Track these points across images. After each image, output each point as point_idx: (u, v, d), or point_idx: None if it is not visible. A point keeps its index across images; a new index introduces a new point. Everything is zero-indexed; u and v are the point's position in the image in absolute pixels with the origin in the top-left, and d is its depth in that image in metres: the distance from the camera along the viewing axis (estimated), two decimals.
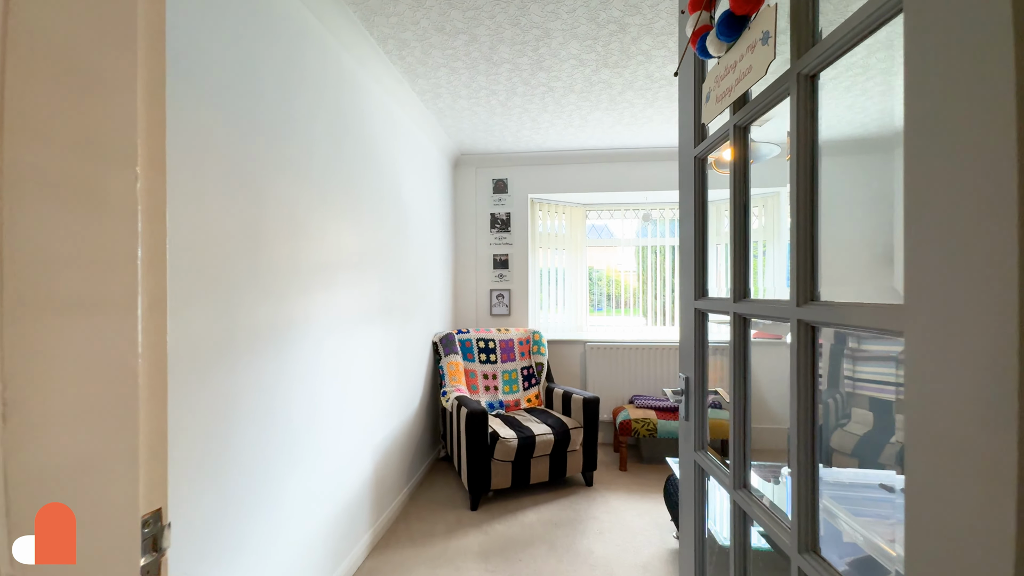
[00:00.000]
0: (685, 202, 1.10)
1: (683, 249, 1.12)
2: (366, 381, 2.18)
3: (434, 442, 3.31)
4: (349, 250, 2.00)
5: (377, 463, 2.28)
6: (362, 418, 2.13)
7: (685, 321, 1.10)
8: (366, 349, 2.17)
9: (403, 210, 2.67)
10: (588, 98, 2.67)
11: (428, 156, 3.15)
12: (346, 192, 1.97)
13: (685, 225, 1.10)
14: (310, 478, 1.69)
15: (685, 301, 1.09)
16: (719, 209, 3.80)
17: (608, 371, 3.65)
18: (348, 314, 1.99)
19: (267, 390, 1.44)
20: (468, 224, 3.85)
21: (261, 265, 1.40)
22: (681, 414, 1.12)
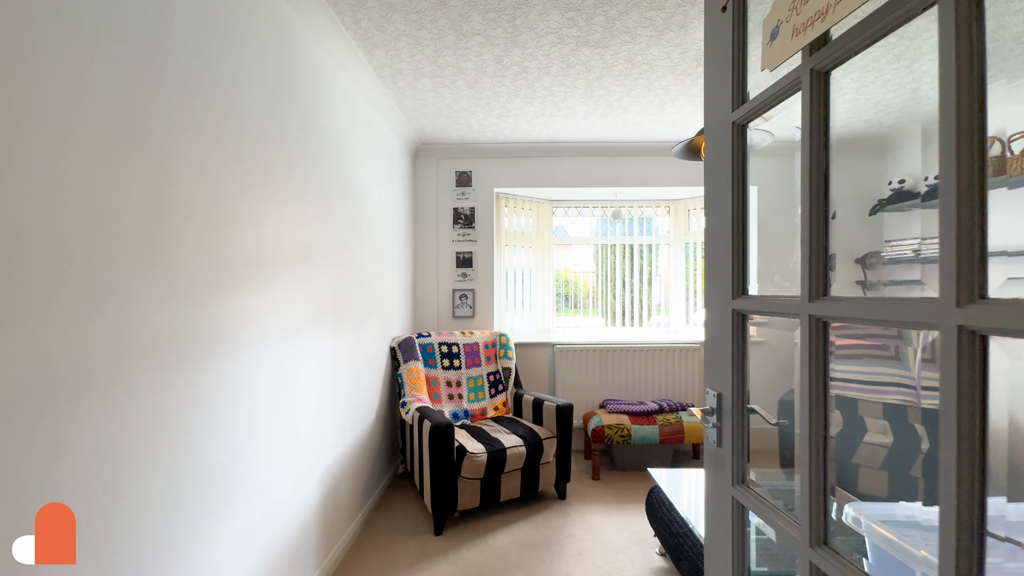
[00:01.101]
0: (715, 182, 0.91)
1: (712, 239, 0.93)
2: (315, 396, 1.86)
3: (392, 457, 3.00)
4: (293, 242, 1.68)
5: (327, 490, 1.97)
6: (310, 440, 1.82)
7: (715, 325, 0.91)
8: (315, 358, 1.86)
9: (358, 200, 2.36)
10: (564, 83, 2.48)
11: (387, 143, 2.84)
12: (289, 172, 1.65)
13: (715, 211, 0.91)
14: (240, 521, 1.36)
15: (716, 301, 0.90)
16: (690, 209, 3.73)
17: (578, 375, 3.48)
18: (292, 317, 1.67)
19: (175, 418, 1.12)
20: (429, 219, 3.56)
21: (166, 255, 1.08)
22: (708, 438, 0.93)
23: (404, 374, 2.85)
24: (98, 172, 0.91)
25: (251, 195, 1.42)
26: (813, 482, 0.65)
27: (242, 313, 1.37)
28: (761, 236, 3.53)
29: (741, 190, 0.85)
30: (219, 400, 1.27)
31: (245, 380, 1.39)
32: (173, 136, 1.10)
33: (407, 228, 3.34)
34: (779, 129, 2.03)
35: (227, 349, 1.30)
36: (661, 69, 2.33)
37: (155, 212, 1.04)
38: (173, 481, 1.10)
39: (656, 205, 3.92)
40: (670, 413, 3.10)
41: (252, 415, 1.42)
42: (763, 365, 3.55)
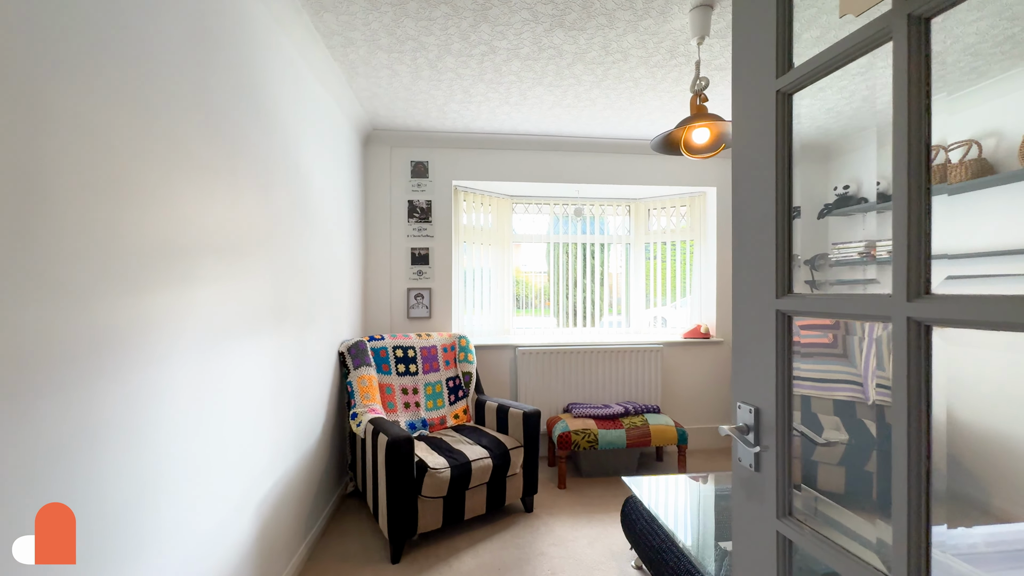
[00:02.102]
0: (749, 162, 0.78)
1: (745, 229, 0.80)
2: (252, 413, 1.57)
3: (340, 474, 2.70)
4: (222, 227, 1.39)
5: (265, 521, 1.68)
6: (243, 467, 1.52)
7: (750, 328, 0.78)
8: (251, 368, 1.57)
9: (302, 185, 2.06)
10: (533, 68, 2.32)
11: (335, 125, 2.54)
12: (216, 141, 1.36)
13: (749, 196, 0.78)
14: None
15: (753, 301, 0.77)
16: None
17: (541, 378, 3.34)
18: (221, 319, 1.38)
19: (46, 461, 0.83)
20: (381, 212, 3.28)
21: (36, 238, 0.80)
22: (741, 460, 0.80)
23: (355, 382, 2.57)
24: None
25: (164, 165, 1.13)
26: (913, 529, 0.52)
27: (151, 315, 1.08)
28: (722, 241, 3.57)
29: (787, 170, 0.73)
30: (117, 431, 0.98)
31: (155, 401, 1.10)
32: (48, 75, 0.81)
33: (357, 221, 3.05)
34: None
35: (129, 362, 1.01)
36: (634, 59, 2.23)
37: (21, 179, 0.76)
38: None
39: (617, 204, 3.87)
40: (636, 416, 3.03)
41: (164, 446, 1.14)
42: (722, 365, 3.60)
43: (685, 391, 3.56)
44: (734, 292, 0.82)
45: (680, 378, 3.55)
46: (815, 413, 2.99)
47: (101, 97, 0.93)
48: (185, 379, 1.21)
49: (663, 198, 3.79)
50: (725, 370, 3.58)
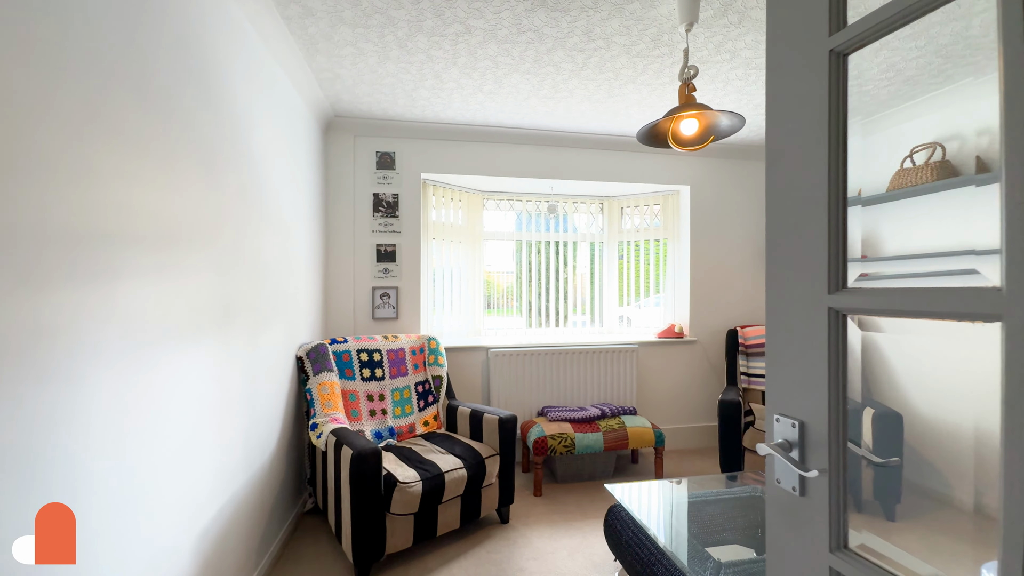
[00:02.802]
0: (791, 136, 0.67)
1: (784, 215, 0.69)
2: (188, 432, 1.35)
3: (298, 490, 2.47)
4: (154, 215, 1.18)
5: (207, 558, 1.45)
6: (178, 497, 1.30)
7: (792, 330, 0.67)
8: (188, 379, 1.34)
9: (255, 172, 1.84)
10: (511, 52, 2.18)
11: (293, 108, 2.31)
12: (147, 114, 1.14)
13: (789, 176, 0.68)
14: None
15: (797, 298, 0.66)
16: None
17: (514, 381, 3.21)
18: (152, 322, 1.17)
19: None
20: (344, 205, 3.05)
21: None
22: (779, 483, 0.69)
23: (314, 389, 2.35)
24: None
25: (77, 136, 0.91)
26: None
27: (55, 319, 0.87)
28: (696, 245, 3.56)
29: (841, 143, 0.62)
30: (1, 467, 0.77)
31: (58, 427, 0.89)
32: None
33: (317, 214, 2.81)
34: None
35: (20, 379, 0.80)
36: (616, 48, 2.14)
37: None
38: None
39: (591, 202, 3.80)
40: (613, 418, 2.96)
41: (70, 483, 0.92)
42: (696, 365, 3.59)
43: (660, 391, 3.53)
44: (768, 289, 0.72)
45: (655, 378, 3.52)
46: None
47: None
48: (101, 396, 0.99)
49: (636, 196, 3.74)
50: (699, 369, 3.58)
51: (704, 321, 3.56)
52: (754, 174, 3.63)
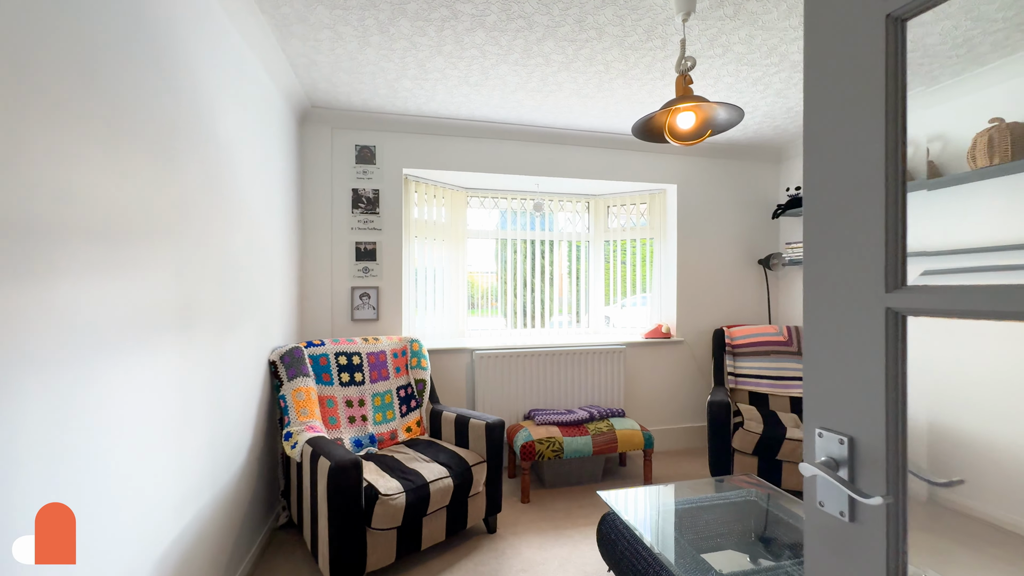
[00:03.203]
0: (832, 109, 0.60)
1: (823, 203, 0.61)
2: (142, 448, 1.20)
3: (270, 504, 2.31)
4: (103, 205, 1.03)
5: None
6: (129, 524, 1.16)
7: (840, 333, 0.59)
8: (141, 388, 1.20)
9: (222, 162, 1.69)
10: (499, 41, 2.08)
11: (265, 96, 2.16)
12: (92, 87, 1.00)
13: (831, 155, 0.60)
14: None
15: (840, 297, 0.59)
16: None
17: (500, 384, 3.11)
18: (97, 326, 1.02)
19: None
20: (321, 200, 2.90)
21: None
22: (822, 506, 0.61)
23: (289, 395, 2.20)
24: None
25: (2, 104, 0.78)
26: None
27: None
28: (683, 244, 3.52)
29: (900, 120, 0.55)
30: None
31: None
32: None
33: (293, 209, 2.65)
34: None
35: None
36: (609, 38, 2.07)
37: None
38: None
39: (576, 200, 3.73)
40: (601, 421, 2.89)
41: None
42: (682, 365, 3.56)
43: (647, 392, 3.48)
44: (807, 287, 0.64)
45: (642, 379, 3.47)
46: (773, 411, 3.00)
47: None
48: (33, 411, 0.85)
49: (623, 195, 3.69)
50: (686, 370, 3.55)
51: (691, 321, 3.54)
52: (741, 174, 3.63)
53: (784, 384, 3.08)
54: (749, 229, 3.65)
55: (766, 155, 3.64)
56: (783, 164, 3.67)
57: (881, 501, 0.52)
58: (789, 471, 2.56)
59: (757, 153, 3.61)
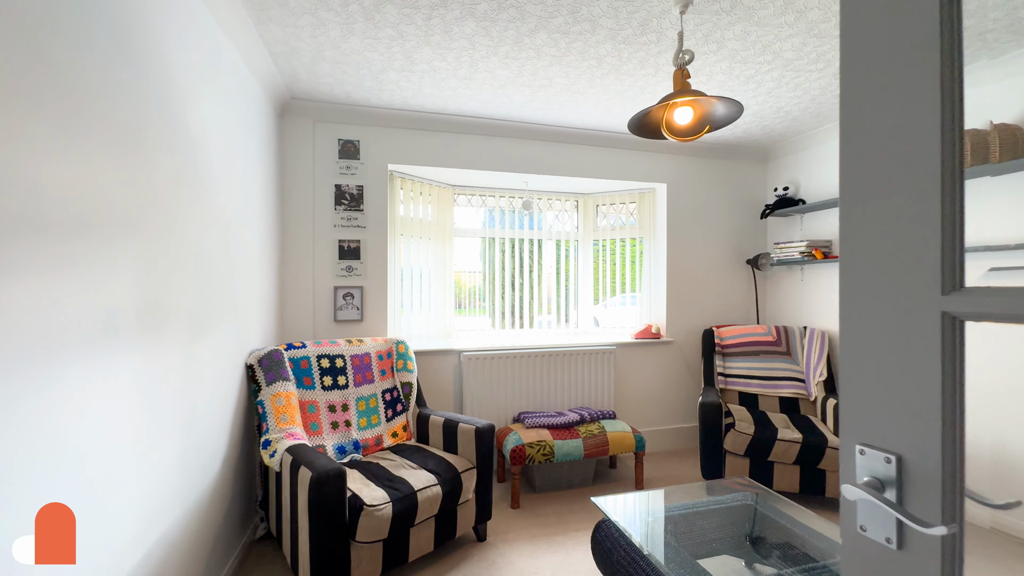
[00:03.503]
0: (873, 83, 0.54)
1: (865, 193, 0.56)
2: (101, 467, 1.09)
3: (247, 515, 2.20)
4: (57, 194, 0.93)
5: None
6: (87, 550, 1.05)
7: (886, 340, 0.54)
8: (104, 400, 1.09)
9: (195, 152, 1.57)
10: (490, 32, 2.01)
11: (241, 85, 2.04)
12: (47, 66, 0.89)
13: (872, 139, 0.54)
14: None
15: (885, 299, 0.53)
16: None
17: (489, 386, 3.04)
18: (49, 330, 0.92)
19: None
20: (303, 196, 2.78)
21: None
22: (863, 530, 0.56)
23: (267, 401, 2.08)
24: None
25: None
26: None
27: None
28: (672, 243, 3.50)
29: (957, 94, 0.49)
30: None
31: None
32: None
33: (272, 205, 2.53)
34: None
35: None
36: (602, 32, 2.01)
37: None
38: None
39: (565, 199, 3.67)
40: (592, 423, 2.84)
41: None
42: (672, 366, 3.53)
43: (637, 393, 3.45)
44: (844, 290, 0.58)
45: (632, 380, 3.43)
46: (763, 411, 2.99)
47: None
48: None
49: (612, 194, 3.65)
50: (675, 370, 3.53)
51: (680, 321, 3.52)
52: (730, 174, 3.62)
53: (773, 384, 3.08)
54: (737, 229, 3.65)
55: (754, 155, 3.64)
56: (770, 164, 3.67)
57: (946, 531, 0.46)
58: (781, 472, 2.55)
59: (745, 153, 3.61)
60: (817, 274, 3.27)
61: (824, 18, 1.93)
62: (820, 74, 2.41)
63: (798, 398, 3.02)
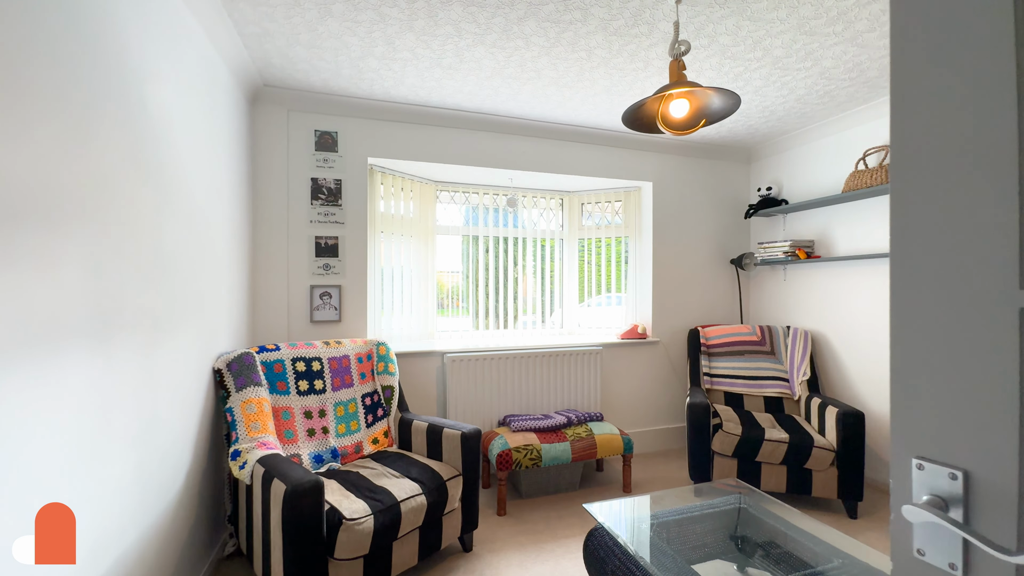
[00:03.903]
0: (930, 48, 0.48)
1: (922, 174, 0.49)
2: (39, 492, 0.96)
3: (215, 531, 2.05)
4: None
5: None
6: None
7: (939, 341, 0.47)
8: (43, 414, 0.96)
9: (153, 136, 1.43)
10: (477, 18, 1.92)
11: (208, 69, 1.89)
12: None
13: (930, 112, 0.48)
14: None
15: (944, 297, 0.47)
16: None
17: (473, 388, 2.94)
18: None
19: None
20: (276, 190, 2.63)
21: None
22: (925, 554, 0.49)
23: (237, 408, 1.94)
24: None
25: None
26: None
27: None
28: (659, 242, 3.47)
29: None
30: None
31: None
32: None
33: (243, 198, 2.38)
34: None
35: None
36: (594, 21, 1.94)
37: None
38: None
39: (550, 197, 3.61)
40: (579, 426, 2.78)
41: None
42: (658, 366, 3.51)
43: (624, 394, 3.40)
44: (896, 286, 0.52)
45: (618, 381, 3.39)
46: (749, 411, 2.99)
47: None
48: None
49: (597, 192, 3.61)
50: (661, 371, 3.50)
51: (666, 321, 3.49)
52: (714, 173, 3.62)
53: (758, 384, 3.08)
54: (722, 229, 3.65)
55: (738, 155, 3.65)
56: (753, 164, 3.69)
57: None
58: (768, 472, 2.54)
59: (729, 153, 3.62)
60: (799, 274, 3.29)
61: (815, 14, 1.91)
62: (807, 73, 2.40)
63: (782, 397, 3.03)
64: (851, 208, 2.95)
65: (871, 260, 2.82)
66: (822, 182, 3.14)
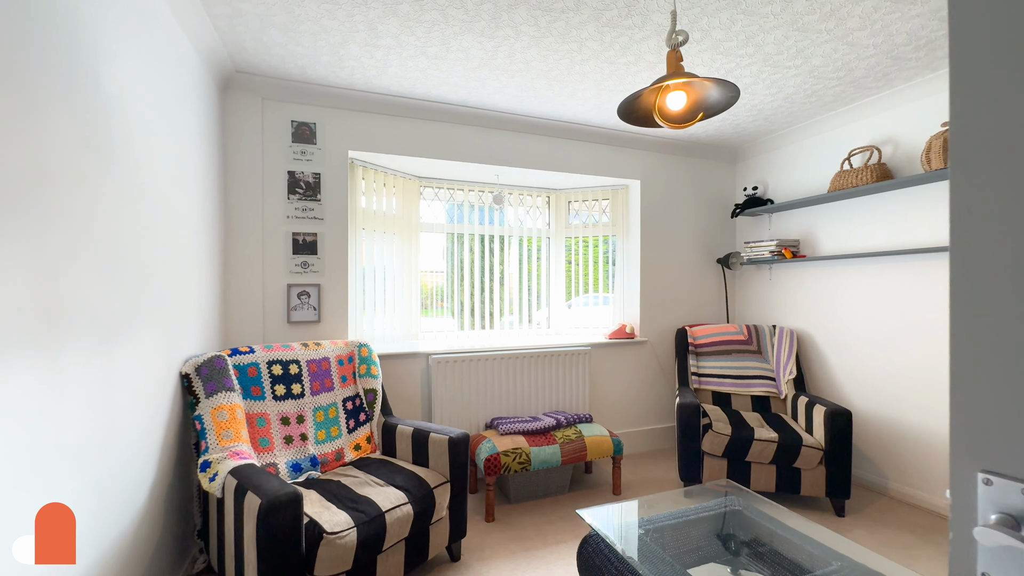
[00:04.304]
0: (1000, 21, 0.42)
1: (984, 161, 0.44)
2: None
3: (184, 547, 1.91)
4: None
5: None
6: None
7: (1014, 342, 0.42)
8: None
9: (109, 117, 1.31)
10: (465, 3, 1.83)
11: (176, 53, 1.76)
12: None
13: (999, 82, 0.43)
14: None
15: (1012, 292, 0.41)
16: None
17: (459, 390, 2.85)
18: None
19: None
20: (250, 183, 2.49)
21: None
22: (984, 575, 0.44)
23: (207, 415, 1.81)
24: None
25: None
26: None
27: None
28: (646, 243, 3.44)
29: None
30: None
31: None
32: None
33: (213, 190, 2.23)
34: None
35: None
36: (587, 11, 1.88)
37: None
38: None
39: (537, 194, 3.54)
40: (568, 428, 2.71)
41: None
42: (646, 366, 3.47)
43: (612, 395, 3.36)
44: (956, 281, 0.46)
45: (607, 381, 3.34)
46: (736, 411, 2.98)
47: None
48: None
49: (584, 190, 3.56)
50: (649, 371, 3.47)
51: (653, 321, 3.46)
52: (701, 172, 3.61)
53: (745, 383, 3.08)
54: (708, 228, 3.64)
55: (724, 154, 3.65)
56: (739, 164, 3.69)
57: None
58: (758, 472, 2.52)
59: (716, 152, 3.61)
60: (785, 273, 3.30)
61: (809, 9, 1.88)
62: (796, 71, 2.39)
63: (769, 396, 3.03)
64: (836, 208, 2.97)
65: (856, 259, 2.84)
66: (807, 182, 3.15)
